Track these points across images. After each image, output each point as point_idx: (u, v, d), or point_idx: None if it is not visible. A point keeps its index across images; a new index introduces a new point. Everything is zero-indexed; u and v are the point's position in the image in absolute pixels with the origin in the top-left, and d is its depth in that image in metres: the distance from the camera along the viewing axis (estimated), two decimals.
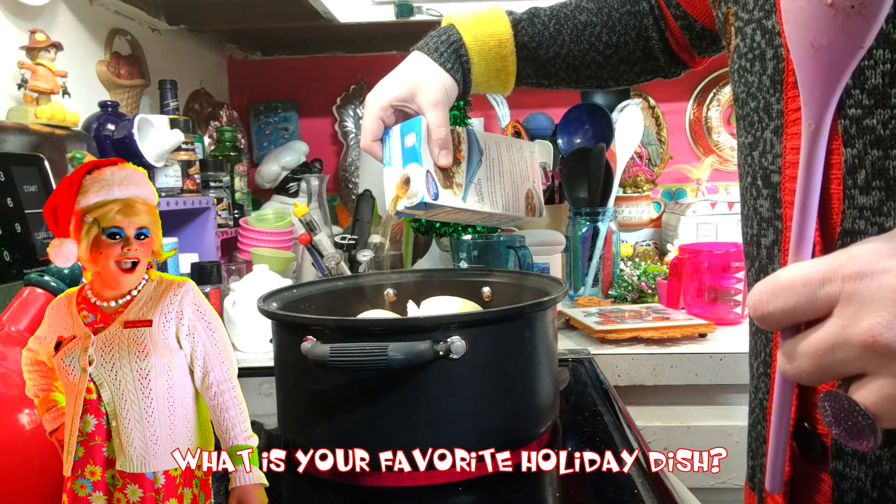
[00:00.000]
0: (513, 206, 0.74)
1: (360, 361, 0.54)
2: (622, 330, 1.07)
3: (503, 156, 0.75)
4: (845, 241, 0.41)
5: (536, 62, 0.75)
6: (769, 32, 0.46)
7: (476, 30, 0.72)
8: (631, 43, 0.75)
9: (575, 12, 0.75)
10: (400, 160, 0.69)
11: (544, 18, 0.74)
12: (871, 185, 0.40)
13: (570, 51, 0.74)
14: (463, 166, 0.71)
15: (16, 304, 0.52)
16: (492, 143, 0.75)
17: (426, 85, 0.69)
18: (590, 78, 0.78)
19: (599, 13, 0.74)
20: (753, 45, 0.47)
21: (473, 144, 0.73)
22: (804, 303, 0.32)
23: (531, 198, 0.77)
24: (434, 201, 0.66)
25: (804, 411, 0.45)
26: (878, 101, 0.39)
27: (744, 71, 0.49)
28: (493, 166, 0.74)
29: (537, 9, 0.76)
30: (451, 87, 0.71)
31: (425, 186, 0.66)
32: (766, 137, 0.47)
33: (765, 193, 0.48)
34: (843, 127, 0.40)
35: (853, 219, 0.40)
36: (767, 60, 0.46)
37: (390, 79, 0.72)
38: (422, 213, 0.69)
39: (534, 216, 0.76)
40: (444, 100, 0.69)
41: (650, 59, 0.76)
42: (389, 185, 0.70)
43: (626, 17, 0.74)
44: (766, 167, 0.47)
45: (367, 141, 0.72)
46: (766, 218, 0.48)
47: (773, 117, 0.46)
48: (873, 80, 0.39)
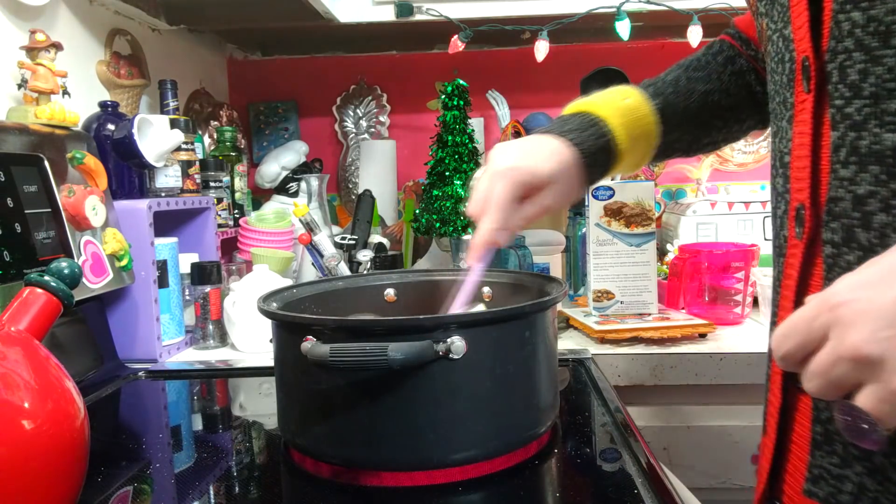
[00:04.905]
0: None
1: (360, 361, 0.54)
2: (622, 330, 1.07)
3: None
4: (830, 207, 0.50)
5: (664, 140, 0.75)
6: (786, 39, 0.54)
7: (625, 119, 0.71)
8: (742, 103, 0.76)
9: (691, 84, 0.75)
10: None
11: (671, 98, 0.74)
12: (848, 160, 0.48)
13: (696, 121, 0.75)
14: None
15: (16, 304, 0.52)
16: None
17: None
18: (707, 146, 0.79)
19: (710, 79, 0.75)
20: (777, 49, 0.56)
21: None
22: (805, 336, 0.40)
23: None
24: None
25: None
26: (855, 93, 0.48)
27: (772, 72, 0.58)
28: None
29: (659, 85, 0.75)
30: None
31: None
32: (783, 126, 0.56)
33: (780, 172, 0.56)
34: (831, 114, 0.49)
35: (836, 188, 0.49)
36: (785, 62, 0.55)
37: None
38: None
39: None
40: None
41: (758, 113, 0.77)
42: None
43: (733, 77, 0.75)
44: (782, 150, 0.56)
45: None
46: (780, 192, 0.56)
47: (788, 109, 0.55)
48: (853, 76, 0.48)
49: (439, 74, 1.77)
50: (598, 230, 1.15)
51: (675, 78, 0.75)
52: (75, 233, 0.92)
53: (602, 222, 1.15)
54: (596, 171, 0.69)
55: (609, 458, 0.65)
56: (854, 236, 0.48)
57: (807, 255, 0.52)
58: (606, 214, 1.15)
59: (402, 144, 1.76)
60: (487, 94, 1.60)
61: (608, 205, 1.15)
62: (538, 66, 1.53)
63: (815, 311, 0.40)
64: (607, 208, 1.15)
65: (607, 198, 1.15)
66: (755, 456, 1.04)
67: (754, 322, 1.19)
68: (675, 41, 1.69)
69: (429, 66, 1.79)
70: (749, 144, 1.76)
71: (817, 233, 0.51)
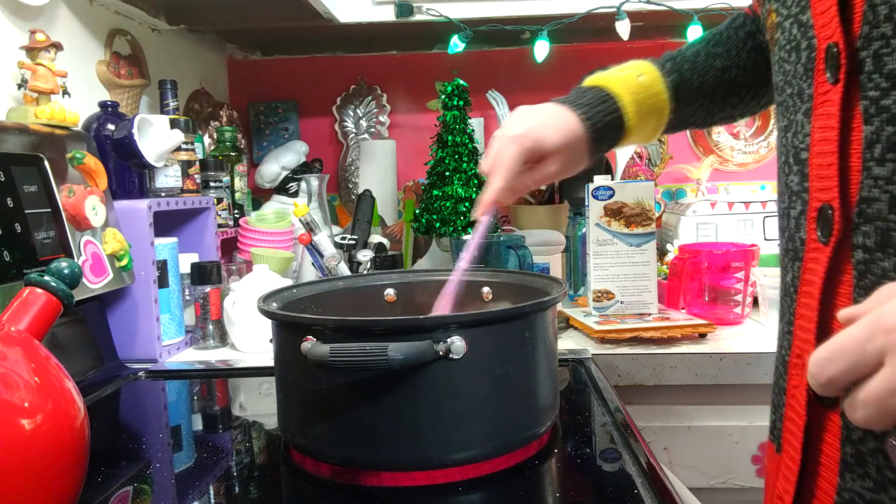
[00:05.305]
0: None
1: (360, 361, 0.54)
2: (622, 330, 1.07)
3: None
4: (862, 208, 0.46)
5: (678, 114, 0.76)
6: (804, 26, 0.51)
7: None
8: (761, 80, 0.75)
9: (709, 60, 0.75)
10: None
11: (687, 74, 0.74)
12: (885, 157, 0.44)
13: (712, 97, 0.76)
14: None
15: (16, 304, 0.52)
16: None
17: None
18: (723, 119, 0.79)
19: (729, 55, 0.75)
20: (791, 37, 0.53)
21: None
22: (856, 362, 0.37)
23: None
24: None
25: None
26: (893, 83, 0.44)
27: (782, 61, 0.55)
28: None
29: (678, 60, 0.75)
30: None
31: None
32: (797, 119, 0.52)
33: (795, 169, 0.53)
34: (864, 107, 0.45)
35: (869, 188, 0.45)
36: (801, 51, 0.51)
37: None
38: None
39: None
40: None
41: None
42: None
43: (753, 53, 0.74)
44: (797, 146, 0.52)
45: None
46: (795, 191, 0.53)
47: (805, 101, 0.51)
48: (890, 65, 0.44)
49: (439, 74, 1.77)
50: (598, 230, 1.15)
51: (696, 52, 0.76)
52: (75, 233, 0.92)
53: (602, 222, 1.15)
54: (603, 144, 0.73)
55: (609, 458, 0.65)
56: (891, 241, 0.44)
57: (833, 260, 0.48)
58: (606, 214, 1.15)
59: (402, 144, 1.76)
60: (487, 94, 1.60)
61: (608, 205, 1.15)
62: (538, 66, 1.53)
63: (866, 332, 0.37)
64: (607, 208, 1.15)
65: (607, 198, 1.15)
66: (755, 456, 1.04)
67: (754, 322, 1.19)
68: (675, 41, 1.69)
69: (429, 66, 1.79)
70: (749, 144, 1.76)
71: (846, 236, 0.47)
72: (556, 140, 0.69)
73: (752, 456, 1.04)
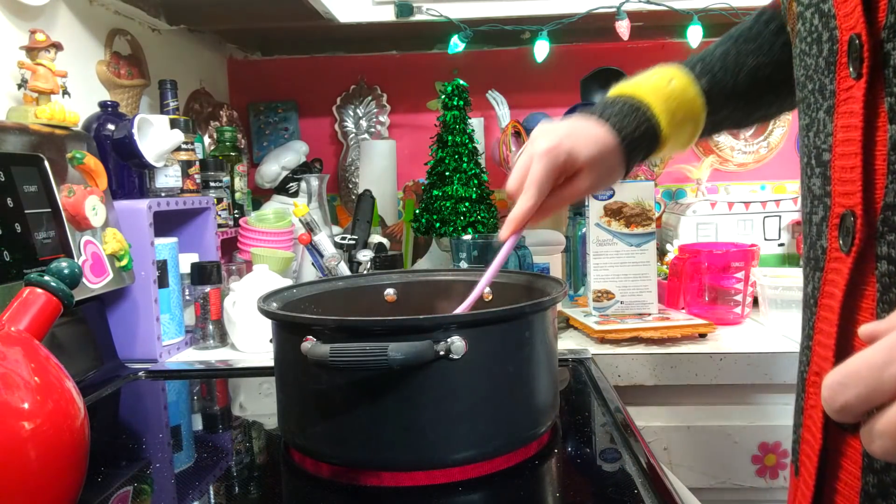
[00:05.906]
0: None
1: (360, 361, 0.54)
2: (622, 330, 1.07)
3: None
4: (887, 215, 0.42)
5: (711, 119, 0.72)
6: (826, 16, 0.47)
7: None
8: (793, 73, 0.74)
9: (741, 58, 0.71)
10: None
11: (719, 76, 0.70)
12: None
13: (746, 97, 0.72)
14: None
15: (16, 304, 0.52)
16: None
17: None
18: (760, 118, 0.76)
19: (761, 51, 0.70)
20: (812, 28, 0.49)
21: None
22: (872, 388, 0.32)
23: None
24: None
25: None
26: None
27: (803, 54, 0.51)
28: None
29: (707, 61, 0.71)
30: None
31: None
32: (819, 118, 0.49)
33: (817, 172, 0.49)
34: (889, 104, 0.41)
35: (894, 193, 0.42)
36: (823, 43, 0.47)
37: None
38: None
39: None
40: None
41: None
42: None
43: (785, 47, 0.69)
44: (819, 146, 0.49)
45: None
46: (817, 195, 0.50)
47: (827, 98, 0.47)
48: None
49: (439, 74, 1.77)
50: (598, 230, 1.15)
51: (725, 52, 0.71)
52: (75, 233, 0.92)
53: (602, 222, 1.15)
54: (637, 155, 0.68)
55: (609, 458, 0.65)
56: None
57: (855, 271, 0.44)
58: (606, 214, 1.15)
59: (402, 144, 1.76)
60: (487, 94, 1.60)
61: (608, 205, 1.15)
62: (538, 66, 1.53)
63: (884, 356, 0.32)
64: (607, 208, 1.15)
65: (607, 198, 1.15)
66: (755, 456, 1.04)
67: (754, 322, 1.19)
68: (675, 41, 1.69)
69: (429, 66, 1.79)
70: (749, 144, 1.76)
71: (869, 245, 0.43)
72: (589, 152, 0.64)
73: (752, 456, 1.04)
